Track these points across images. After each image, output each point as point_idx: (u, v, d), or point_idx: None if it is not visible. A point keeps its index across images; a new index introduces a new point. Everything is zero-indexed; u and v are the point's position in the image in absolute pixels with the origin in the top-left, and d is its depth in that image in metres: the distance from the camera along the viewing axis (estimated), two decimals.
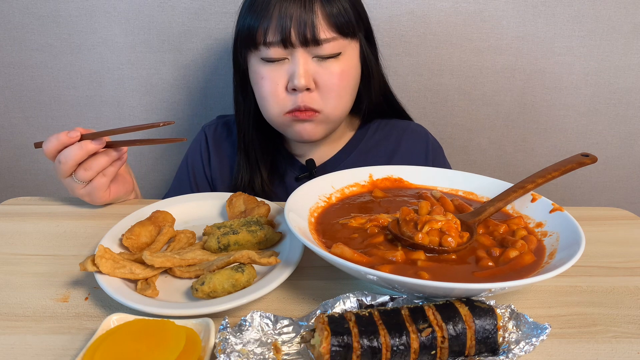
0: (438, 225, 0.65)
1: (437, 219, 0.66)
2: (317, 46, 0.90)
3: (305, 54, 0.91)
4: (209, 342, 0.51)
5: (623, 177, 1.48)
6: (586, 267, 0.70)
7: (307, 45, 0.90)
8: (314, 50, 0.91)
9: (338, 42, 0.92)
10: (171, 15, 1.27)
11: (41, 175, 1.46)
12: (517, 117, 1.39)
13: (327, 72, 0.92)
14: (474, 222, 0.70)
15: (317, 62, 0.92)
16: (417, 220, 0.66)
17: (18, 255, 0.72)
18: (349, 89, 0.98)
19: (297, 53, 0.91)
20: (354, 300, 0.56)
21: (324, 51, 0.91)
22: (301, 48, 0.90)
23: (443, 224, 0.65)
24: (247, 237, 0.70)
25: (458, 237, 0.65)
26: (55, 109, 1.37)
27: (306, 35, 0.89)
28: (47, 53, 1.31)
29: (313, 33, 0.89)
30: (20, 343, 0.55)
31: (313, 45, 0.90)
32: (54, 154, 0.82)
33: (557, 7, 1.27)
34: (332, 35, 0.91)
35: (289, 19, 0.88)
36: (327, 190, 0.79)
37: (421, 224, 0.66)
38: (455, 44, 1.31)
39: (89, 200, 0.85)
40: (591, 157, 0.79)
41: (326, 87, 0.93)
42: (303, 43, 0.89)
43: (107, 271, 0.61)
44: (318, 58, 0.92)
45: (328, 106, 0.95)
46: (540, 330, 0.51)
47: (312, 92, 0.93)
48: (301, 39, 0.89)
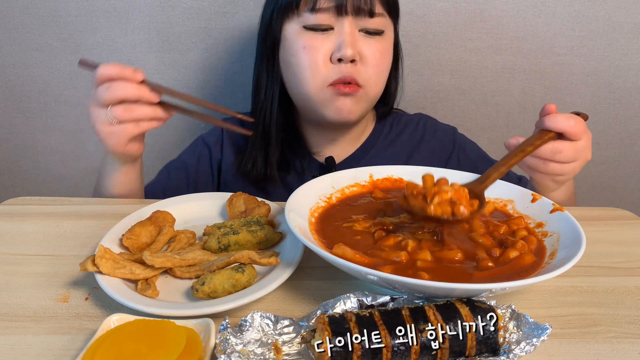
0: (448, 195, 0.65)
1: (446, 189, 0.65)
2: (370, 18, 0.90)
3: (353, 25, 0.91)
4: (209, 342, 0.51)
5: (623, 177, 1.48)
6: (587, 267, 0.70)
7: (360, 15, 0.90)
8: (363, 22, 0.91)
9: (385, 20, 0.94)
10: (171, 15, 1.27)
11: (41, 175, 1.46)
12: (517, 117, 1.39)
13: (372, 47, 0.92)
14: (481, 189, 0.71)
15: (363, 37, 0.92)
16: (426, 193, 0.66)
17: (18, 255, 0.72)
18: (387, 70, 0.99)
19: (345, 22, 0.90)
20: (354, 301, 0.56)
21: (372, 24, 0.91)
22: (351, 17, 0.90)
23: (453, 194, 0.65)
24: (248, 237, 0.70)
25: (469, 206, 0.65)
26: (55, 109, 1.37)
27: (361, 4, 0.89)
28: (47, 53, 1.31)
29: (370, 3, 0.89)
30: (20, 343, 0.55)
31: (366, 16, 0.90)
32: (105, 79, 0.77)
33: (557, 7, 1.27)
34: (381, 11, 0.92)
35: None
36: (327, 191, 0.79)
37: (430, 196, 0.65)
38: (455, 44, 1.31)
39: (105, 139, 0.81)
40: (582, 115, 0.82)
41: (370, 62, 0.93)
42: (356, 12, 0.89)
43: (107, 271, 0.61)
44: (364, 32, 0.92)
45: (370, 82, 0.94)
46: (541, 331, 0.51)
47: (356, 65, 0.92)
48: (355, 7, 0.89)
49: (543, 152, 0.78)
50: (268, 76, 1.01)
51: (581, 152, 0.79)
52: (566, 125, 0.77)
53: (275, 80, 1.00)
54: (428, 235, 0.67)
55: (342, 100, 0.93)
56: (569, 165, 0.79)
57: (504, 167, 0.75)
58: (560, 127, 0.77)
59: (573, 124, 0.77)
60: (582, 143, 0.78)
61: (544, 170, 0.80)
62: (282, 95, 1.01)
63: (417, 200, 0.66)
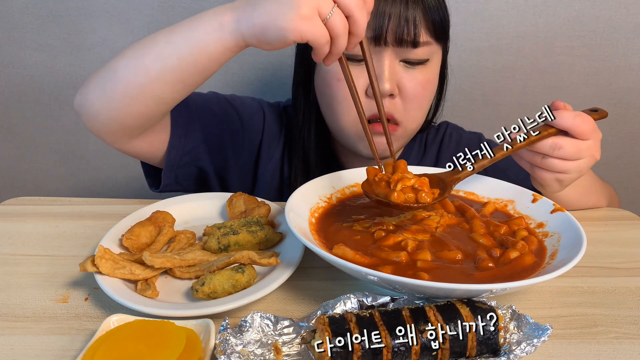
0: (411, 182, 0.66)
1: (409, 177, 0.67)
2: (412, 49, 0.83)
3: (393, 56, 0.84)
4: (209, 343, 0.51)
5: (623, 177, 1.48)
6: (587, 268, 0.70)
7: (401, 46, 0.82)
8: (404, 52, 0.83)
9: (430, 48, 0.86)
10: (171, 15, 1.27)
11: (41, 175, 1.46)
12: (517, 117, 1.39)
13: (413, 80, 0.85)
14: (453, 179, 0.71)
15: (403, 67, 0.85)
16: (388, 180, 0.67)
17: (18, 255, 0.72)
18: (429, 102, 0.91)
19: (384, 53, 0.83)
20: (354, 301, 0.56)
21: (415, 55, 0.84)
22: (392, 47, 0.83)
23: (415, 181, 0.67)
24: (248, 237, 0.70)
25: (430, 194, 0.67)
26: (55, 109, 1.37)
27: (403, 34, 0.81)
28: (47, 53, 1.31)
29: (414, 33, 0.81)
30: (20, 344, 0.55)
31: (409, 46, 0.82)
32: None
33: (557, 7, 1.27)
34: (427, 39, 0.84)
35: (387, 13, 0.80)
36: (327, 191, 0.79)
37: (394, 183, 0.66)
38: (455, 44, 1.31)
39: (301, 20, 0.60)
40: (600, 112, 0.76)
41: (409, 96, 0.86)
42: (398, 43, 0.82)
43: (107, 272, 0.61)
44: (405, 63, 0.85)
45: (409, 118, 0.88)
46: (542, 331, 0.51)
47: (394, 99, 0.86)
48: (397, 38, 0.81)
49: (541, 146, 0.73)
50: (305, 103, 0.97)
51: (586, 151, 0.73)
52: (570, 123, 0.72)
53: (311, 106, 0.96)
54: (428, 235, 0.67)
55: (377, 139, 0.83)
56: (571, 163, 0.74)
57: (487, 160, 0.73)
58: (563, 124, 0.72)
59: (579, 122, 0.72)
60: (588, 142, 0.73)
61: (541, 166, 0.75)
62: (318, 118, 0.97)
63: (379, 186, 0.67)
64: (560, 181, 0.77)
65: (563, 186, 0.78)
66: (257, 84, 1.37)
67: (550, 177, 0.76)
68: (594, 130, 0.74)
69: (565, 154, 0.73)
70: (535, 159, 0.75)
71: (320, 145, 0.99)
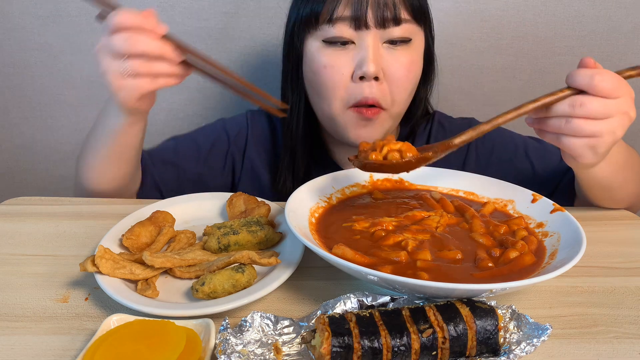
0: (397, 146, 0.69)
1: (395, 143, 0.69)
2: (395, 26, 0.83)
3: (376, 38, 0.84)
4: (209, 342, 0.51)
5: None
6: (587, 268, 0.70)
7: (384, 27, 0.83)
8: (387, 32, 0.84)
9: (411, 26, 0.86)
10: (171, 15, 1.27)
11: (41, 175, 1.46)
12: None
13: (397, 62, 0.86)
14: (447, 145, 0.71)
15: (387, 50, 0.86)
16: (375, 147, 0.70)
17: (18, 255, 0.72)
18: (414, 84, 0.92)
19: (367, 36, 0.84)
20: (354, 301, 0.56)
21: (397, 33, 0.84)
22: (374, 30, 0.84)
23: (401, 145, 0.69)
24: (248, 237, 0.70)
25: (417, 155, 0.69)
26: (55, 109, 1.37)
27: (385, 14, 0.82)
28: (47, 53, 1.31)
29: (394, 11, 0.82)
30: (20, 343, 0.55)
31: (390, 25, 0.83)
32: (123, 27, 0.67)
33: (557, 7, 1.27)
34: (407, 17, 0.85)
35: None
36: (327, 191, 0.79)
37: (379, 147, 0.69)
38: (455, 44, 1.31)
39: (115, 91, 0.71)
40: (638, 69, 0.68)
41: (394, 79, 0.87)
42: (379, 23, 0.83)
43: (107, 271, 0.61)
44: (388, 44, 0.86)
45: (394, 101, 0.89)
46: (542, 331, 0.51)
47: (380, 84, 0.86)
48: (378, 19, 0.82)
49: (560, 108, 0.65)
50: (293, 93, 0.98)
51: (615, 107, 0.64)
52: (587, 81, 0.63)
53: (300, 98, 0.97)
54: (428, 235, 0.68)
55: (363, 124, 0.89)
56: (601, 122, 0.64)
57: (487, 125, 0.69)
58: (579, 83, 0.64)
59: (598, 80, 0.63)
60: (617, 100, 0.64)
61: (567, 132, 0.66)
62: (307, 108, 0.98)
63: (367, 153, 0.69)
64: (592, 147, 0.67)
65: (598, 155, 0.69)
66: None
67: (580, 144, 0.67)
68: (620, 86, 0.65)
69: (590, 110, 0.64)
70: (559, 125, 0.66)
71: (309, 135, 1.00)
